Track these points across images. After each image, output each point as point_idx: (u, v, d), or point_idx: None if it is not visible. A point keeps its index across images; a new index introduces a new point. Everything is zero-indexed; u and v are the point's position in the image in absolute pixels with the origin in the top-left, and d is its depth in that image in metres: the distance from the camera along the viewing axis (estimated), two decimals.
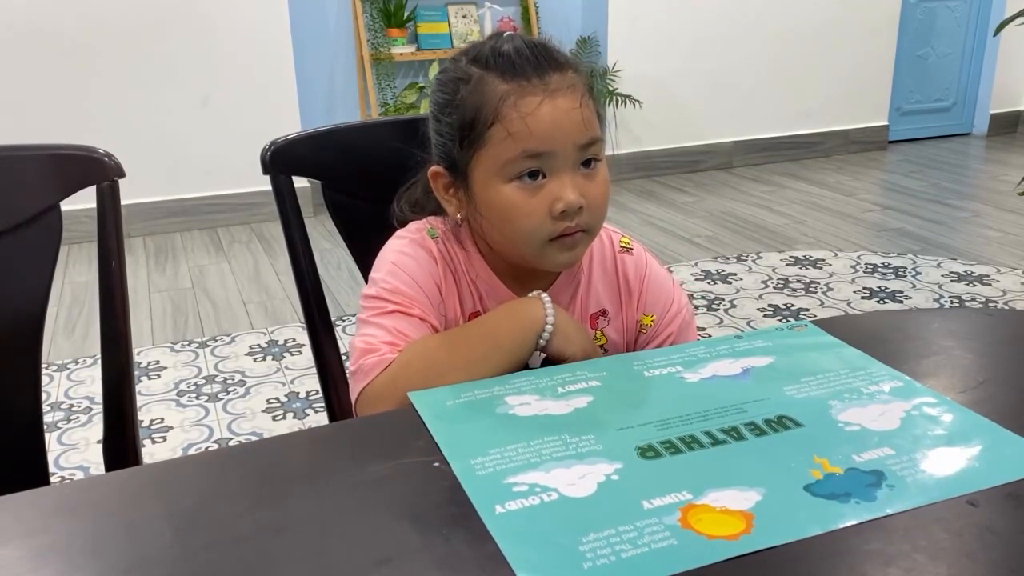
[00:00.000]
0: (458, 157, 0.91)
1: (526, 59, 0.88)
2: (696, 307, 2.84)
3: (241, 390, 2.35)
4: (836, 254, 3.32)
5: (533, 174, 0.88)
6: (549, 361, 0.93)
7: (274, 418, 2.20)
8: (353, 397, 0.89)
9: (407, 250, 0.95)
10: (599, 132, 0.91)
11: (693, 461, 0.69)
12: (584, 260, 0.99)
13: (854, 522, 0.61)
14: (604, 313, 1.00)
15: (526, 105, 0.87)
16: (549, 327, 0.90)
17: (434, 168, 0.95)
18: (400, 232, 0.98)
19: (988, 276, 3.06)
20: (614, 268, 1.01)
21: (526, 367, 0.92)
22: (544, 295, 0.92)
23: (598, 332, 1.00)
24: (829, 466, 0.68)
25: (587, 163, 0.90)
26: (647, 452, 0.70)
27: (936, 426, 0.74)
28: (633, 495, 0.64)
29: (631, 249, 1.02)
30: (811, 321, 0.95)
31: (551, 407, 0.77)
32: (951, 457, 0.70)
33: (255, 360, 2.52)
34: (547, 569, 0.57)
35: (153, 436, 2.13)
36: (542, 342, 0.90)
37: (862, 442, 0.71)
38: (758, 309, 2.83)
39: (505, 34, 0.92)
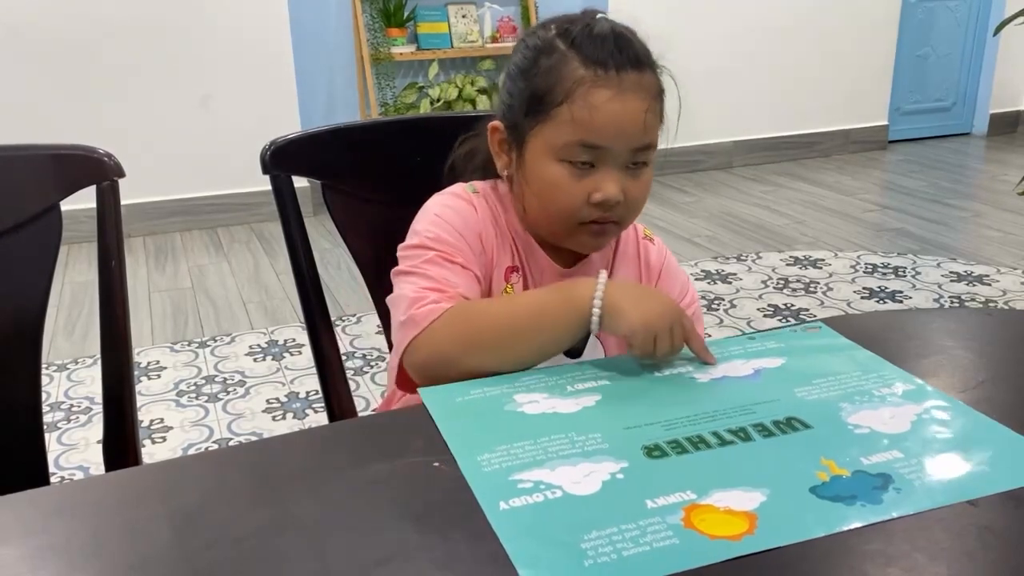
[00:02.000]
0: (520, 121, 0.94)
1: (610, 49, 0.90)
2: None
3: (241, 390, 2.35)
4: (836, 254, 3.32)
5: (584, 162, 0.91)
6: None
7: (274, 418, 2.20)
8: (401, 346, 0.87)
9: (449, 202, 0.97)
10: (655, 137, 0.93)
11: (699, 461, 0.69)
12: (612, 242, 1.03)
13: (858, 524, 0.61)
14: None
15: (597, 96, 0.89)
16: (597, 310, 0.85)
17: (494, 123, 0.98)
18: (440, 192, 1.00)
19: (988, 276, 3.06)
20: (637, 253, 1.05)
21: (579, 354, 0.92)
22: (603, 273, 0.88)
23: None
24: (836, 468, 0.67)
25: (636, 163, 0.93)
26: (653, 452, 0.70)
27: (946, 429, 0.74)
28: (637, 494, 0.64)
29: (653, 240, 1.07)
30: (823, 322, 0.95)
31: (559, 405, 0.78)
32: (959, 461, 0.69)
33: (255, 360, 2.52)
34: (548, 566, 0.57)
35: (153, 436, 2.12)
36: (593, 327, 0.86)
37: (871, 445, 0.71)
38: (758, 309, 2.83)
39: (599, 15, 0.93)
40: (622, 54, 0.90)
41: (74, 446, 2.09)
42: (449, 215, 0.95)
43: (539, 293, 0.93)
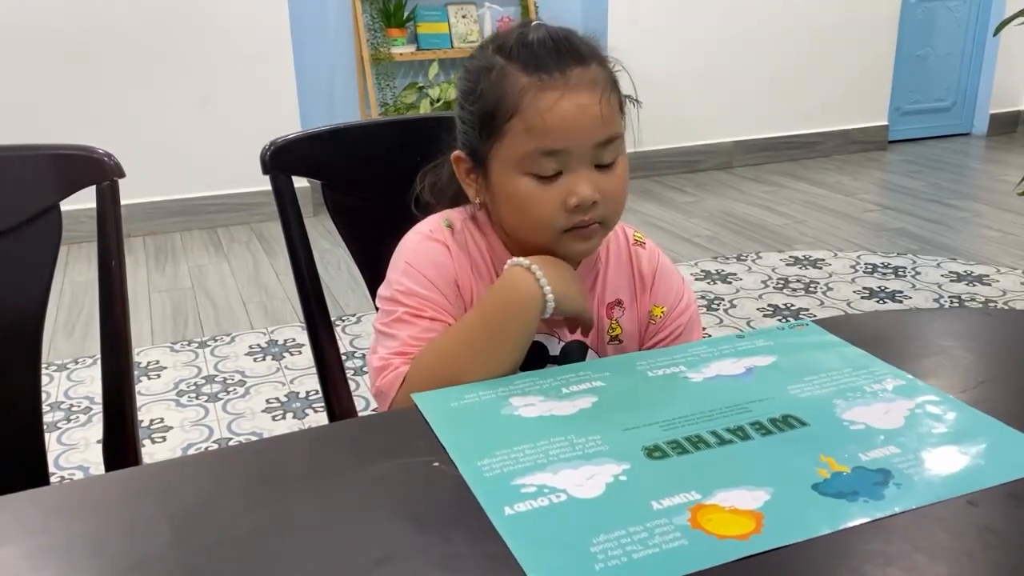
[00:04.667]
0: (478, 146, 0.92)
1: (549, 51, 0.88)
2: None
3: (241, 390, 2.35)
4: (836, 254, 3.32)
5: (550, 174, 0.88)
6: (565, 354, 0.92)
7: (274, 418, 2.20)
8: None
9: (420, 248, 0.95)
10: (618, 128, 0.91)
11: (700, 461, 0.69)
12: (601, 251, 1.00)
13: (864, 520, 0.61)
14: (619, 303, 1.01)
15: (544, 100, 0.87)
16: (550, 296, 0.87)
17: (457, 153, 0.96)
18: (416, 227, 0.98)
19: (988, 276, 3.06)
20: (628, 260, 1.02)
21: (547, 355, 0.92)
22: (524, 261, 0.89)
23: (613, 322, 1.00)
24: (836, 465, 0.68)
25: (604, 159, 0.90)
26: (654, 452, 0.70)
27: (940, 424, 0.74)
28: (642, 496, 0.64)
29: (644, 243, 1.04)
30: (811, 321, 0.95)
31: (556, 408, 0.77)
32: (956, 455, 0.70)
33: (255, 360, 2.52)
34: (560, 571, 0.57)
35: (153, 436, 2.12)
36: (547, 314, 0.87)
37: (868, 441, 0.71)
38: (758, 309, 2.83)
39: (533, 23, 0.92)
40: (562, 53, 0.88)
41: (74, 446, 2.09)
42: (421, 263, 0.93)
43: (482, 307, 0.90)
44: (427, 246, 0.95)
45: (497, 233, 0.97)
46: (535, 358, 0.94)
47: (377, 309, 0.96)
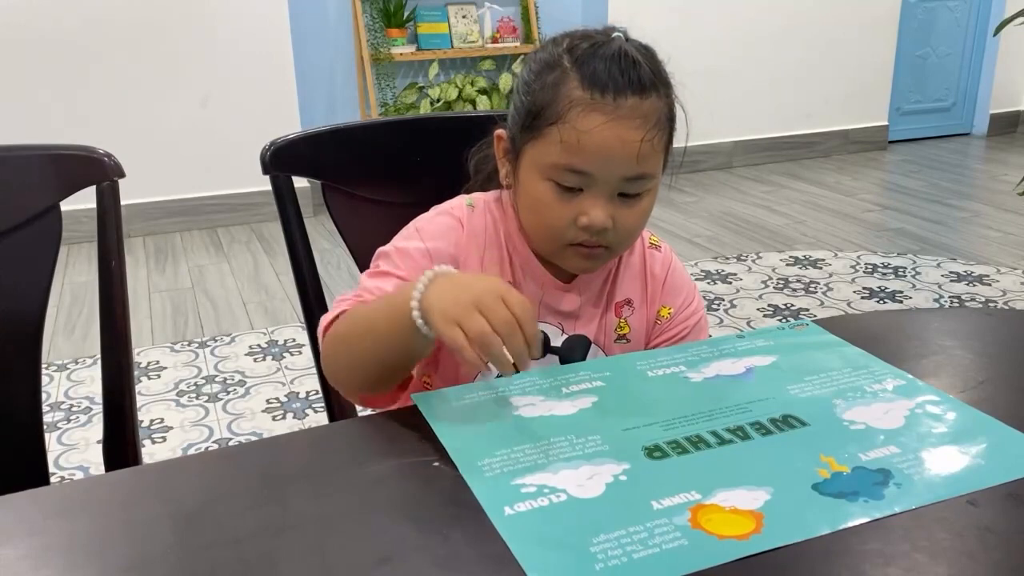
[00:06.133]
0: (517, 135, 0.92)
1: (612, 73, 0.86)
2: None
3: (241, 390, 2.35)
4: (836, 254, 3.32)
5: (570, 186, 0.88)
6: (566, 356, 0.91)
7: (274, 418, 2.20)
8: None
9: (434, 219, 0.97)
10: (653, 168, 0.89)
11: (700, 461, 0.69)
12: None
13: (864, 520, 0.61)
14: (629, 303, 1.01)
15: (589, 121, 0.85)
16: (417, 314, 0.77)
17: (499, 131, 0.97)
18: (438, 206, 0.99)
19: (988, 276, 3.06)
20: (642, 261, 1.02)
21: (548, 344, 0.90)
22: (434, 269, 0.80)
23: (622, 321, 1.00)
24: (836, 465, 0.68)
25: (628, 192, 0.89)
26: (654, 452, 0.70)
27: (940, 424, 0.74)
28: (642, 495, 0.64)
29: (659, 247, 1.04)
30: (812, 321, 0.95)
31: (556, 407, 0.78)
32: (956, 455, 0.70)
33: (255, 360, 2.52)
34: (560, 571, 0.57)
35: (153, 436, 2.12)
36: (423, 331, 0.77)
37: (868, 441, 0.71)
38: (758, 309, 2.83)
39: (614, 34, 0.90)
40: (623, 77, 0.86)
41: (74, 446, 2.09)
42: (426, 229, 0.94)
43: (386, 296, 0.86)
44: (440, 219, 0.96)
45: (518, 217, 0.97)
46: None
47: None
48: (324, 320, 0.91)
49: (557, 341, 0.94)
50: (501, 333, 0.73)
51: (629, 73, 0.86)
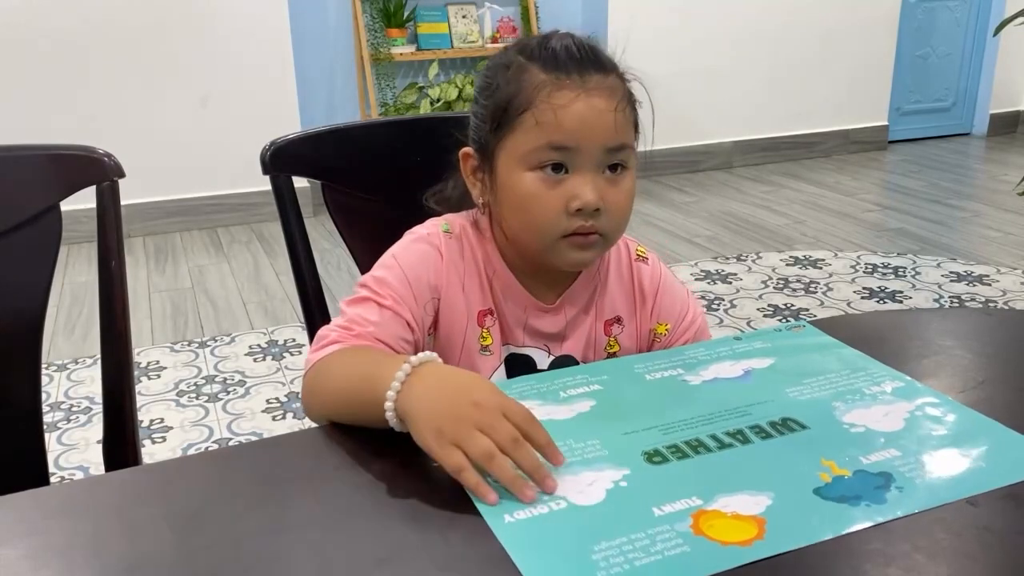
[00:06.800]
0: (487, 140, 0.92)
1: (571, 55, 0.88)
2: None
3: (241, 390, 2.35)
4: (836, 254, 3.32)
5: (556, 167, 0.87)
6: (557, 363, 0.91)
7: (274, 418, 2.20)
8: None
9: (411, 247, 0.95)
10: (630, 139, 0.90)
11: (701, 466, 0.68)
12: (601, 266, 0.99)
13: (866, 524, 0.61)
14: (619, 320, 0.99)
15: (560, 98, 0.86)
16: (391, 415, 0.71)
17: (466, 149, 0.96)
18: (415, 228, 0.98)
19: (988, 276, 3.06)
20: (630, 276, 1.01)
21: (535, 369, 0.90)
22: (411, 361, 0.73)
23: (611, 339, 0.99)
24: (837, 468, 0.68)
25: (614, 168, 0.89)
26: (654, 457, 0.69)
27: (940, 426, 0.74)
28: (643, 502, 0.64)
29: (647, 258, 1.02)
30: (810, 321, 0.95)
31: (554, 412, 0.77)
32: (957, 457, 0.70)
33: (255, 360, 2.52)
34: None
35: (153, 436, 2.12)
36: (392, 425, 0.72)
37: (868, 444, 0.71)
38: (758, 309, 2.83)
39: (559, 31, 0.92)
40: (584, 58, 0.88)
41: (74, 446, 2.09)
42: (405, 258, 0.92)
43: (363, 373, 0.77)
44: (417, 247, 0.94)
45: (496, 240, 0.96)
46: (521, 372, 0.93)
47: None
48: (309, 359, 0.86)
49: (544, 365, 0.94)
50: (508, 451, 0.66)
51: (585, 52, 0.89)
